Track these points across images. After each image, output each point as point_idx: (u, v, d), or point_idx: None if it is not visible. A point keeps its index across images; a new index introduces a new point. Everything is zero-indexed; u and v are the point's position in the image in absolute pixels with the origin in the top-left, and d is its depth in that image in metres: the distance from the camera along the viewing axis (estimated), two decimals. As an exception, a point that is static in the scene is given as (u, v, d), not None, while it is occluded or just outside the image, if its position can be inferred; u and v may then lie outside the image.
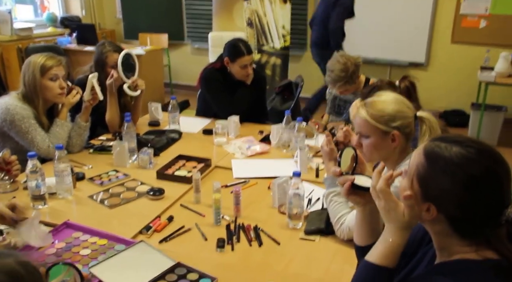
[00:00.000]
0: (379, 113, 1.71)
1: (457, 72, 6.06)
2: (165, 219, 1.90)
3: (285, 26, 6.02)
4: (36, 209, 1.93)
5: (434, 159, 1.02)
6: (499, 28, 5.81)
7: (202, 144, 2.84)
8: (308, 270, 1.64)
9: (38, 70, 2.35)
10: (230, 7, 6.12)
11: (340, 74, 2.86)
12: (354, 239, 1.37)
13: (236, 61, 3.02)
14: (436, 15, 6.04)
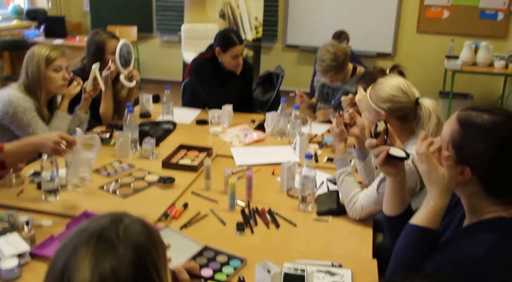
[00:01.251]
0: (375, 94, 1.90)
1: (424, 62, 6.29)
2: (181, 206, 1.93)
3: (258, 18, 6.07)
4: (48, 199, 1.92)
5: (468, 125, 1.14)
6: (461, 18, 6.08)
7: (197, 133, 2.86)
8: (328, 248, 1.72)
9: (43, 61, 2.32)
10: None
11: (331, 64, 2.94)
12: (384, 210, 1.46)
13: (228, 51, 3.05)
14: (402, 6, 6.25)
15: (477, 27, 6.02)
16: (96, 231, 0.77)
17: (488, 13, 5.97)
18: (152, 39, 7.10)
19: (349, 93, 3.06)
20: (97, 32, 2.89)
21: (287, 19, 6.60)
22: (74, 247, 0.75)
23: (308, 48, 6.64)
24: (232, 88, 3.20)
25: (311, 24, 6.53)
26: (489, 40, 5.63)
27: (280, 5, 6.57)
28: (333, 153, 2.59)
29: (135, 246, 0.78)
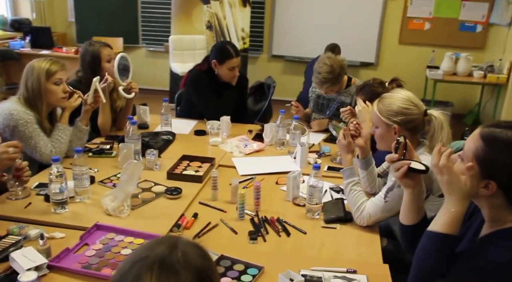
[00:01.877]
0: (385, 108, 1.92)
1: (406, 71, 6.37)
2: (191, 217, 1.94)
3: (245, 29, 6.13)
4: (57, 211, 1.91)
5: (492, 141, 1.19)
6: (442, 30, 6.25)
7: (196, 144, 2.88)
8: (339, 254, 1.75)
9: (44, 75, 2.31)
10: (190, 10, 6.14)
11: (328, 76, 2.99)
12: (401, 219, 1.50)
13: (225, 63, 3.08)
14: (385, 17, 6.39)
15: (457, 38, 6.20)
16: (157, 259, 0.78)
17: (467, 25, 6.15)
18: (137, 49, 7.09)
19: (344, 103, 3.13)
20: (90, 42, 2.90)
21: (273, 30, 6.67)
22: (136, 275, 0.76)
23: (293, 59, 6.72)
24: (228, 99, 3.23)
25: (296, 36, 6.62)
26: (468, 51, 5.82)
27: (266, 17, 6.65)
28: (332, 162, 2.64)
29: (196, 270, 0.80)
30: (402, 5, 6.29)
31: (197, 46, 6.04)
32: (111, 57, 2.86)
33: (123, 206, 1.92)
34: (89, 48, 2.83)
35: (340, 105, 3.17)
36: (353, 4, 6.37)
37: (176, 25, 6.21)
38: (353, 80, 3.21)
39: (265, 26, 6.71)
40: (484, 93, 6.15)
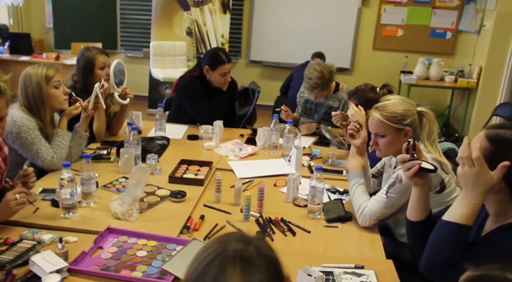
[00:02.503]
0: (392, 115, 1.97)
1: (380, 76, 6.54)
2: (198, 219, 1.98)
3: (224, 35, 6.19)
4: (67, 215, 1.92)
5: (498, 141, 1.29)
6: (414, 36, 6.46)
7: (191, 148, 2.92)
8: (345, 251, 1.83)
9: (43, 80, 2.32)
10: (170, 17, 6.15)
11: (318, 82, 3.09)
12: (408, 216, 1.59)
13: (217, 69, 3.13)
14: (360, 24, 6.55)
15: (428, 44, 6.42)
16: (237, 252, 0.84)
17: (438, 32, 6.38)
18: (116, 55, 7.03)
19: (332, 108, 3.23)
20: (87, 48, 2.91)
21: (251, 36, 6.75)
22: (220, 268, 0.82)
23: (270, 64, 6.81)
24: (219, 104, 3.28)
25: (273, 42, 6.71)
26: (438, 57, 6.04)
27: (244, 23, 6.72)
28: (324, 164, 2.72)
29: (271, 260, 0.87)
30: (376, 12, 6.47)
31: (178, 52, 6.06)
32: (106, 64, 2.87)
33: (132, 210, 1.95)
34: (85, 53, 2.84)
35: (328, 109, 3.27)
36: (328, 11, 6.51)
37: (156, 31, 6.21)
38: (340, 85, 3.31)
39: (243, 32, 6.78)
40: (454, 97, 6.38)
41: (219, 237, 0.91)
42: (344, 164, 2.72)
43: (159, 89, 6.23)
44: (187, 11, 6.12)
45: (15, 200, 1.80)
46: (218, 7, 6.09)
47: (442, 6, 6.32)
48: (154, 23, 6.22)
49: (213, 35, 6.18)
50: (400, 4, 6.39)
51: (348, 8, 6.48)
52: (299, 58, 5.90)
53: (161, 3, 6.13)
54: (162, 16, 6.18)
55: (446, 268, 1.34)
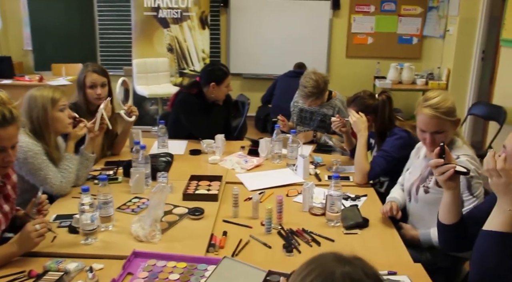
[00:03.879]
0: (448, 110, 1.90)
1: (354, 82, 6.59)
2: (221, 235, 1.88)
3: (205, 50, 6.09)
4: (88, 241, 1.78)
5: None
6: (383, 43, 6.53)
7: (195, 163, 2.80)
8: (372, 258, 1.72)
9: (49, 103, 2.18)
10: (150, 34, 6.01)
11: (313, 91, 3.04)
12: (441, 219, 1.54)
13: (223, 82, 3.07)
14: (332, 34, 6.58)
15: (396, 50, 6.50)
16: (346, 275, 0.81)
17: (404, 38, 6.48)
18: (98, 74, 6.82)
19: (326, 116, 3.18)
20: (86, 65, 2.75)
21: (229, 50, 6.68)
22: None
23: (250, 76, 6.75)
24: (217, 117, 3.19)
25: (251, 54, 6.66)
26: (407, 62, 6.11)
27: (221, 38, 6.64)
28: (328, 171, 2.66)
29: (376, 279, 0.84)
30: (347, 22, 6.51)
31: (161, 69, 5.92)
32: (96, 83, 2.68)
33: (154, 231, 1.83)
34: (81, 70, 2.70)
35: (323, 117, 3.22)
36: (302, 22, 6.51)
37: (137, 49, 6.06)
38: (333, 93, 3.27)
39: (221, 47, 6.70)
40: (424, 99, 6.45)
41: (314, 261, 0.84)
42: (348, 170, 2.67)
43: (144, 106, 6.07)
44: (166, 28, 6.01)
45: (36, 231, 1.66)
46: (197, 23, 6.00)
47: (407, 14, 6.42)
48: (134, 41, 6.07)
49: (194, 50, 6.08)
50: (368, 13, 6.45)
51: (321, 19, 6.50)
52: (277, 69, 5.87)
53: (140, 22, 5.99)
54: (142, 34, 6.04)
55: (495, 279, 1.28)
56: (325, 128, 3.23)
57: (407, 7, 6.35)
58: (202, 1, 5.91)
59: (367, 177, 2.42)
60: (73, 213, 1.99)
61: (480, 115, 4.28)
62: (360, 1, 6.39)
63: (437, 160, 1.52)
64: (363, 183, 2.44)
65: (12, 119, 1.66)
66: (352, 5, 6.40)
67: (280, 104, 5.09)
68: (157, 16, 5.94)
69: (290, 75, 5.17)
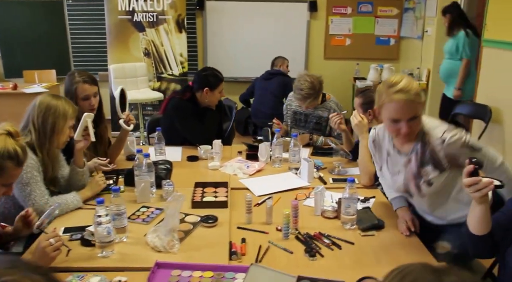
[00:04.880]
0: (417, 92, 1.82)
1: (333, 84, 6.67)
2: (239, 242, 1.88)
3: (183, 54, 6.06)
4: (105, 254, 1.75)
5: None
6: (361, 45, 6.67)
7: (195, 170, 2.79)
8: (396, 258, 1.80)
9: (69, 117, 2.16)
10: (126, 38, 5.92)
11: (309, 92, 3.08)
12: (473, 231, 1.57)
13: (217, 88, 3.08)
14: (310, 36, 6.67)
15: (374, 51, 6.64)
16: None
17: (382, 39, 6.63)
18: (69, 80, 6.67)
19: (322, 118, 3.24)
20: (72, 73, 2.64)
21: (207, 53, 6.66)
22: None
23: (228, 79, 6.67)
24: (211, 123, 3.19)
25: (229, 57, 6.66)
26: (385, 62, 6.27)
27: (198, 41, 6.61)
28: (331, 173, 2.70)
29: None
30: (324, 23, 6.61)
31: (139, 73, 5.84)
32: (89, 95, 2.60)
33: (173, 241, 1.81)
34: (68, 79, 2.61)
35: (318, 119, 3.27)
36: (280, 24, 6.57)
37: (113, 53, 5.96)
38: (327, 95, 3.33)
39: (198, 50, 6.68)
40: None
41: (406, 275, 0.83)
42: (350, 172, 2.72)
43: (121, 112, 5.96)
44: (142, 32, 5.94)
45: (51, 246, 1.62)
46: (174, 27, 5.96)
47: (383, 15, 6.58)
48: (109, 46, 5.97)
49: (172, 54, 6.03)
50: (346, 15, 6.58)
51: (298, 21, 6.58)
52: (256, 72, 5.87)
53: (115, 26, 5.90)
54: (117, 38, 5.94)
55: None
56: (321, 131, 3.28)
57: (384, 8, 6.51)
58: (179, 4, 5.88)
59: (373, 178, 2.48)
60: (82, 225, 1.96)
61: (465, 114, 4.42)
62: (337, 3, 6.50)
63: (474, 179, 1.48)
64: (369, 185, 2.50)
65: (25, 158, 1.70)
66: (329, 7, 6.51)
67: (259, 108, 5.16)
68: (132, 20, 5.86)
69: (264, 78, 5.24)
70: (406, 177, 2.03)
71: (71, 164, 2.31)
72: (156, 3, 5.81)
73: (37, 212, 2.04)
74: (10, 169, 1.65)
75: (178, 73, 6.10)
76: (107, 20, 5.87)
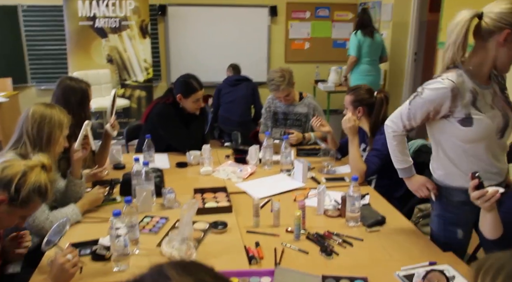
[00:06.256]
0: None
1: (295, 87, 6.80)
2: (254, 247, 1.86)
3: (147, 60, 5.92)
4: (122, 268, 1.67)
5: None
6: (319, 48, 6.80)
7: (187, 176, 2.74)
8: (406, 250, 1.84)
9: (65, 126, 2.06)
10: (87, 45, 5.70)
11: (280, 80, 3.22)
12: (487, 235, 1.64)
13: (190, 97, 3.00)
14: (271, 40, 6.72)
15: (332, 54, 6.80)
16: None
17: (339, 42, 6.80)
18: (27, 89, 6.35)
19: (301, 114, 3.29)
20: (69, 78, 2.58)
21: (169, 59, 6.55)
22: None
23: (191, 84, 6.65)
24: (196, 128, 3.13)
25: (192, 62, 6.59)
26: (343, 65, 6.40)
27: (160, 47, 6.49)
28: (322, 173, 2.73)
29: None
30: (284, 28, 6.69)
31: (103, 80, 5.64)
32: None
33: (189, 250, 1.76)
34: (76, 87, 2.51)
35: (298, 116, 3.33)
36: (242, 29, 6.58)
37: (74, 60, 5.72)
38: (304, 93, 3.43)
39: (160, 56, 6.55)
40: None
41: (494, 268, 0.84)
42: (339, 171, 2.76)
43: (86, 120, 5.74)
44: (104, 38, 5.74)
45: (69, 262, 1.53)
46: (137, 32, 5.81)
47: (340, 19, 6.75)
48: (70, 53, 5.72)
49: (135, 60, 5.88)
50: (304, 20, 6.69)
51: (259, 26, 6.61)
52: (218, 76, 5.87)
53: (75, 32, 5.66)
54: (78, 45, 5.71)
55: None
56: (301, 127, 3.33)
57: (340, 13, 6.68)
58: (142, 10, 5.74)
59: (364, 176, 2.53)
60: (88, 240, 1.86)
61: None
62: (296, 8, 6.60)
63: (481, 192, 1.55)
64: (360, 182, 2.54)
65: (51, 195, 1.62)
66: (289, 11, 6.59)
67: (227, 116, 5.03)
68: (94, 26, 5.66)
69: (232, 84, 5.13)
70: (502, 107, 1.87)
71: (68, 175, 2.20)
72: (119, 9, 5.64)
73: (38, 228, 1.94)
74: (35, 203, 1.58)
75: (142, 80, 5.95)
76: (67, 27, 5.63)
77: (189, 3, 6.38)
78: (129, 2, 5.62)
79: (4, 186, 1.49)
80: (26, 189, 1.50)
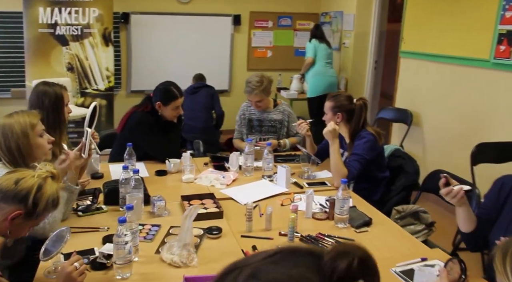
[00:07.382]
0: None
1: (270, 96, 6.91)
2: (252, 250, 1.90)
3: (109, 68, 5.83)
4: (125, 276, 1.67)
5: None
6: (282, 56, 6.95)
7: (168, 184, 2.74)
8: (397, 249, 1.95)
9: (29, 129, 1.97)
10: (47, 53, 5.54)
11: (256, 84, 3.30)
12: (462, 228, 1.85)
13: (170, 104, 3.00)
14: (233, 48, 6.79)
15: (294, 62, 6.94)
16: None
17: (300, 50, 6.95)
18: (-22, 98, 6.05)
19: (276, 121, 3.38)
20: (48, 83, 2.59)
21: (131, 67, 6.46)
22: None
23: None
24: (174, 136, 3.13)
25: (154, 70, 6.50)
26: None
27: (122, 55, 6.40)
28: (301, 178, 2.81)
29: None
30: (247, 36, 6.78)
31: (64, 89, 5.48)
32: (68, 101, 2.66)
33: (191, 255, 1.78)
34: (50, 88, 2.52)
35: (273, 123, 3.42)
36: (205, 37, 6.60)
37: (32, 69, 5.54)
38: (278, 101, 3.53)
39: (122, 64, 6.45)
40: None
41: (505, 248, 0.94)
42: (318, 176, 2.85)
43: (45, 130, 5.55)
44: (65, 46, 5.60)
45: (77, 270, 1.52)
46: (100, 40, 5.71)
47: (301, 28, 6.93)
48: (28, 61, 5.54)
49: (97, 69, 5.77)
50: (267, 28, 6.82)
51: (222, 34, 6.67)
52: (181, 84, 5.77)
53: (34, 40, 5.49)
54: (37, 53, 5.54)
55: None
56: (276, 133, 3.42)
57: (302, 22, 6.86)
58: (106, 18, 5.65)
59: None
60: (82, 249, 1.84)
61: (388, 118, 4.83)
62: (259, 17, 6.72)
63: (447, 189, 1.77)
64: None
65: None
66: (252, 20, 6.70)
67: (190, 124, 5.02)
68: (55, 33, 5.51)
69: (191, 92, 5.15)
70: None
71: (65, 183, 2.14)
72: (82, 16, 5.52)
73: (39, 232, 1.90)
74: (47, 213, 1.58)
75: (103, 88, 5.84)
76: (26, 34, 5.44)
77: (152, 11, 6.34)
78: (93, 10, 5.53)
79: (20, 200, 1.47)
80: (44, 202, 1.50)
